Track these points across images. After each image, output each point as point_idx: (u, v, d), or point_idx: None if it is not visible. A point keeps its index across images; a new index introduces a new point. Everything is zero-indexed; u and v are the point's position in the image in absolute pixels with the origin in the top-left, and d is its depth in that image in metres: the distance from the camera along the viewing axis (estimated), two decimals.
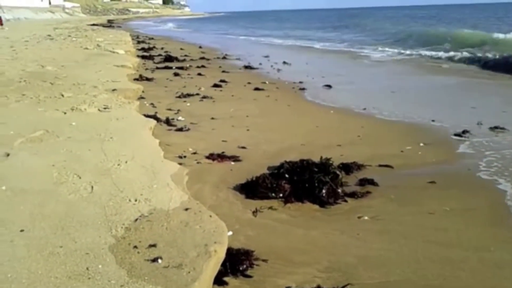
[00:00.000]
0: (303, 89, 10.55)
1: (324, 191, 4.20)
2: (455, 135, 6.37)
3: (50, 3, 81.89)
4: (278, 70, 13.97)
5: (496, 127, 6.67)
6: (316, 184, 4.24)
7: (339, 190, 4.28)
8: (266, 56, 17.81)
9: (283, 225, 3.71)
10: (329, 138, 6.23)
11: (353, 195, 4.28)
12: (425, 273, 3.04)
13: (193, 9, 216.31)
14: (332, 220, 3.84)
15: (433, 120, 7.28)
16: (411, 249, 3.34)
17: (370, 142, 6.11)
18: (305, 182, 4.31)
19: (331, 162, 4.68)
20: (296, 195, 4.22)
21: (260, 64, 15.26)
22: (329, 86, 10.78)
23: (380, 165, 5.08)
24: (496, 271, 3.08)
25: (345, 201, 4.18)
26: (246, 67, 14.50)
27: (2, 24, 32.95)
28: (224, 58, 17.51)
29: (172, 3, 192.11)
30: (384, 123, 7.30)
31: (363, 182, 4.58)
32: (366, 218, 3.86)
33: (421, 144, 5.93)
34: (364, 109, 8.29)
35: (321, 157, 4.75)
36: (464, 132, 6.42)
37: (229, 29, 50.26)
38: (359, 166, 4.97)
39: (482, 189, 4.54)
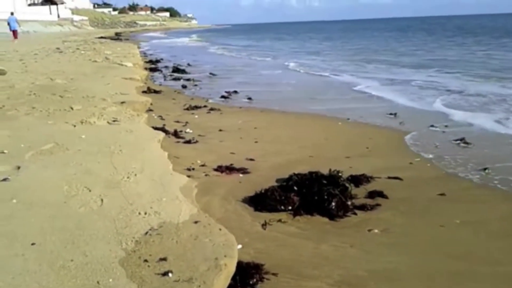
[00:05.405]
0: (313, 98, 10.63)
1: (333, 203, 4.16)
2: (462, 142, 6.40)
3: (58, 16, 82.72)
4: None
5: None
6: (326, 197, 4.21)
7: (349, 203, 4.24)
8: None
9: (293, 238, 3.69)
10: (338, 150, 6.22)
11: (362, 207, 4.25)
12: (436, 286, 3.02)
13: (200, 22, 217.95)
14: (342, 233, 3.81)
15: (444, 131, 7.31)
16: (422, 263, 3.31)
17: (379, 154, 6.10)
18: (314, 195, 4.29)
19: (340, 174, 4.68)
20: (305, 208, 4.19)
21: None
22: None
23: (389, 177, 5.05)
24: (508, 285, 3.05)
25: (355, 213, 4.15)
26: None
27: (16, 38, 32.33)
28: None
29: (179, 15, 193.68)
30: (392, 134, 7.28)
31: (373, 194, 4.55)
32: (376, 231, 3.83)
33: (430, 156, 5.90)
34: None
35: (330, 169, 4.74)
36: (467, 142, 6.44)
37: None
38: (368, 178, 4.94)
39: (493, 200, 4.51)
